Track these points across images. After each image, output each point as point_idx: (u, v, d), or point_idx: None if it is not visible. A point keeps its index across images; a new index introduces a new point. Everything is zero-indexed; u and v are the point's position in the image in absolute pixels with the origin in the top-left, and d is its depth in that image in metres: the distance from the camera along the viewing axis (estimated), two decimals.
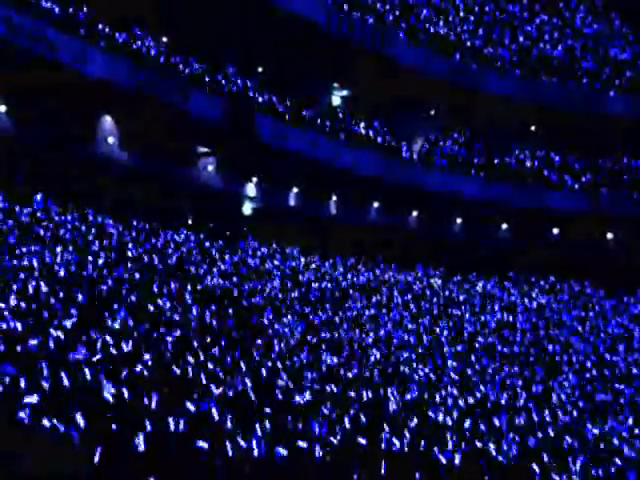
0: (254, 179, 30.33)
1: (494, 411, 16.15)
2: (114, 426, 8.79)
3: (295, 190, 31.75)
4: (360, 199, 33.77)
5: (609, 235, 36.83)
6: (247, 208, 30.51)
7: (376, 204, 34.42)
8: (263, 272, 22.66)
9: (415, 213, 35.62)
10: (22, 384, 9.07)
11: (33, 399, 8.74)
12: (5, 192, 20.82)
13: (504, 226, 37.16)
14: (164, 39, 29.01)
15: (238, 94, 28.68)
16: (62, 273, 15.64)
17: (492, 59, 37.84)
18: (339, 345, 17.57)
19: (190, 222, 27.93)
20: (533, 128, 39.69)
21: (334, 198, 33.18)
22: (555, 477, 12.51)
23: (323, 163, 30.86)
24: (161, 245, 21.97)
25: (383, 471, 10.38)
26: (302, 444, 9.86)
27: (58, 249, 17.52)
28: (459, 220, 36.61)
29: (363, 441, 10.77)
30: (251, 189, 30.48)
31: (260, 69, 32.10)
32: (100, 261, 17.63)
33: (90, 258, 17.50)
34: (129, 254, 19.41)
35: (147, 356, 11.89)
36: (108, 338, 12.00)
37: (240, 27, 30.35)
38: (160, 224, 24.23)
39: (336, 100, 36.13)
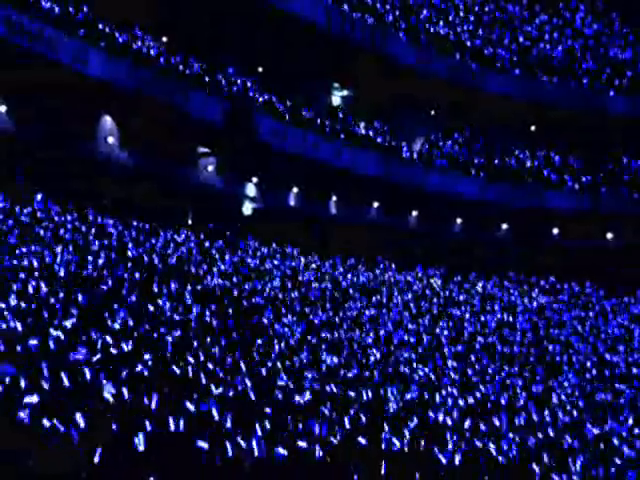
0: (254, 179, 30.34)
1: (494, 411, 16.15)
2: (114, 426, 8.80)
3: (295, 190, 31.75)
4: (360, 199, 33.78)
5: (609, 235, 36.83)
6: (247, 208, 30.51)
7: (376, 204, 34.42)
8: (263, 272, 22.65)
9: (415, 213, 35.62)
10: (22, 384, 9.07)
11: (33, 399, 8.75)
12: (5, 191, 20.82)
13: (504, 226, 37.17)
14: (164, 39, 29.02)
15: (238, 94, 28.68)
16: (62, 273, 15.63)
17: (492, 59, 37.85)
18: (339, 345, 17.56)
19: (190, 222, 27.94)
20: (533, 128, 39.71)
21: (334, 198, 33.18)
22: (555, 477, 12.51)
23: (323, 163, 30.86)
24: (161, 245, 21.96)
25: (383, 471, 10.37)
26: (302, 444, 9.86)
27: (58, 249, 17.50)
28: (459, 220, 36.61)
29: (363, 441, 10.77)
30: (251, 189, 30.48)
31: (260, 69, 32.11)
32: (100, 261, 17.62)
33: (90, 258, 17.49)
34: (129, 254, 19.40)
35: (147, 356, 11.89)
36: (108, 338, 11.99)
37: (240, 27, 30.37)
38: (160, 224, 24.22)
39: (336, 100, 36.13)
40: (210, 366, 12.63)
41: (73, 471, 7.99)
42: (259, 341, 15.44)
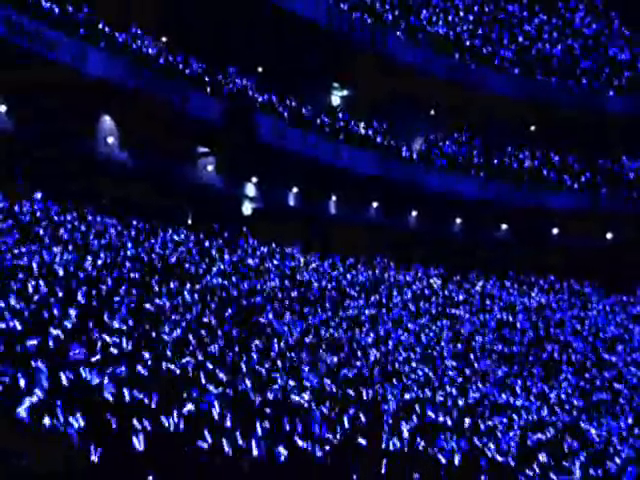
0: (254, 179, 30.31)
1: (494, 411, 16.15)
2: (113, 425, 8.80)
3: (295, 190, 31.73)
4: (359, 199, 33.75)
5: (608, 234, 36.84)
6: (246, 208, 30.49)
7: (375, 204, 34.40)
8: (262, 271, 22.65)
9: (414, 213, 35.60)
10: (22, 384, 9.07)
11: (33, 398, 8.75)
12: (4, 190, 20.80)
13: (503, 225, 37.15)
14: (163, 39, 29.00)
15: (238, 94, 28.66)
16: (61, 273, 15.62)
17: (491, 58, 37.83)
18: (338, 344, 17.56)
19: (189, 222, 27.91)
20: (532, 127, 39.67)
21: (333, 198, 33.15)
22: (554, 477, 12.52)
23: (323, 163, 30.83)
24: (160, 244, 21.95)
25: (383, 471, 10.37)
26: (302, 444, 9.87)
27: (57, 248, 17.49)
28: (458, 219, 36.59)
29: (363, 441, 10.77)
30: (250, 189, 30.45)
31: (260, 69, 32.09)
32: (99, 261, 17.61)
33: (89, 257, 17.48)
34: (128, 253, 19.39)
35: (147, 355, 11.89)
36: (108, 338, 11.99)
37: (240, 27, 30.34)
38: (159, 223, 24.21)
39: (335, 100, 36.11)
40: (209, 365, 12.64)
41: (70, 469, 7.99)
42: (258, 341, 15.44)
